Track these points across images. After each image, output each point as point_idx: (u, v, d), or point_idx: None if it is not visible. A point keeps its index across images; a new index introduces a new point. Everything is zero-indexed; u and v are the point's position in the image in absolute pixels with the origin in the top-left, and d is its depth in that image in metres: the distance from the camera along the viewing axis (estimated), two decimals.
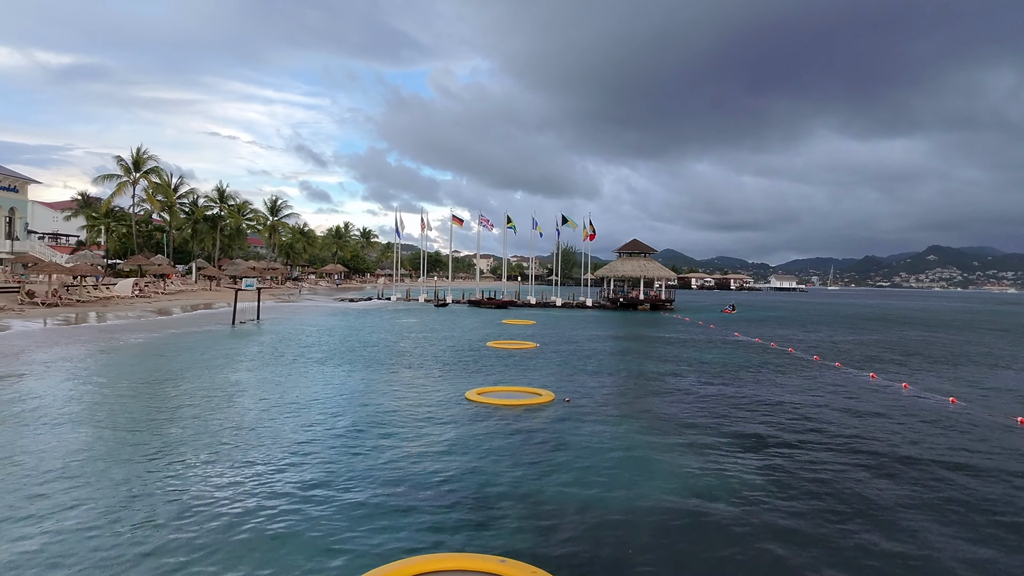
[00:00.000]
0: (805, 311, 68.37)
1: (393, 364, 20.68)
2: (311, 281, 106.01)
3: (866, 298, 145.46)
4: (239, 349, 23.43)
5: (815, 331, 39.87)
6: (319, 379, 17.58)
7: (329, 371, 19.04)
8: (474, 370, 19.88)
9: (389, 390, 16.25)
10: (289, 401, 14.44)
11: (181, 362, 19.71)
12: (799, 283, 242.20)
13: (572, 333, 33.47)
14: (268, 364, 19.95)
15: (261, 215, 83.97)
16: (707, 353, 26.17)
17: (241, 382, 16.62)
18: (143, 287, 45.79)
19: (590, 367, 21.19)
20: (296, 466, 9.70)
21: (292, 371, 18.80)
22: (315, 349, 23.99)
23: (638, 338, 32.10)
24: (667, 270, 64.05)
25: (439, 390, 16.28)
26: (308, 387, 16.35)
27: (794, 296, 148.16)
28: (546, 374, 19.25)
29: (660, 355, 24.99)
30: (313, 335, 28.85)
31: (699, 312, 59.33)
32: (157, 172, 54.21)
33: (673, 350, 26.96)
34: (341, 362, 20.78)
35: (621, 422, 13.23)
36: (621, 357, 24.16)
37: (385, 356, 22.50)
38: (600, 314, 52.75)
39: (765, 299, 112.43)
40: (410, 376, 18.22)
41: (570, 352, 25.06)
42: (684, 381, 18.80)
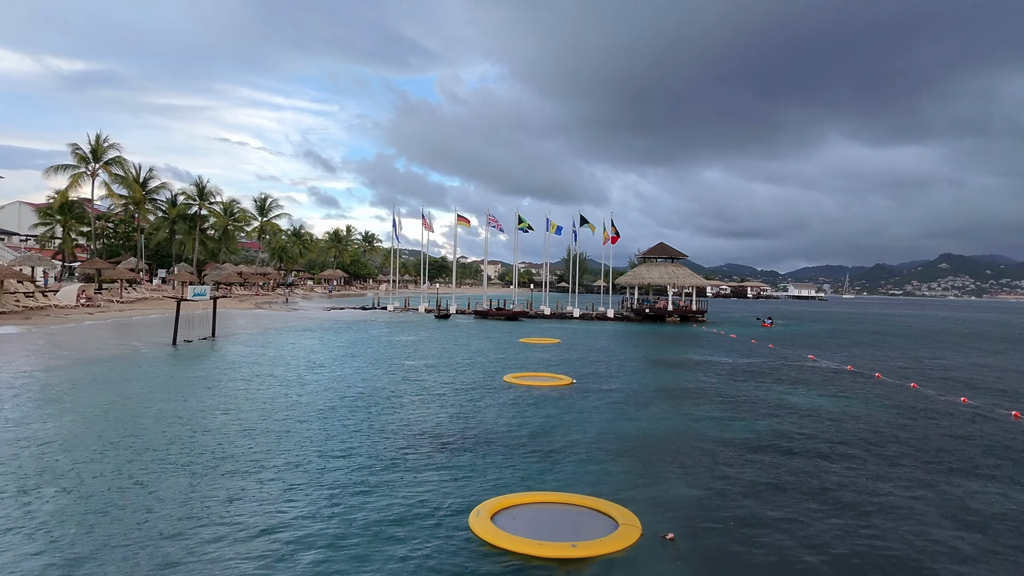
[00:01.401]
0: (852, 323, 60.84)
1: (357, 447, 13.59)
2: (306, 287, 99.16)
3: (892, 307, 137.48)
4: (139, 400, 16.38)
5: (897, 351, 32.58)
6: (220, 493, 10.48)
7: (244, 462, 11.95)
8: (489, 445, 12.73)
9: (346, 537, 9.13)
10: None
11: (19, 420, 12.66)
12: (818, 291, 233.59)
13: (607, 359, 26.31)
14: (163, 443, 12.90)
15: (250, 215, 77.13)
16: (806, 394, 18.94)
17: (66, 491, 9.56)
18: (91, 295, 38.92)
19: (661, 428, 14.02)
20: None
21: (185, 457, 11.73)
22: (254, 397, 16.93)
23: (691, 366, 24.90)
24: (698, 277, 56.86)
25: (438, 519, 9.12)
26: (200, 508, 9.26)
27: (817, 305, 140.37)
28: (605, 453, 12.05)
29: (743, 396, 17.80)
30: (268, 365, 21.80)
31: (733, 325, 52.08)
32: (120, 163, 47.35)
33: (753, 389, 19.74)
34: (278, 436, 13.71)
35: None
36: (692, 404, 16.98)
37: (348, 424, 15.39)
38: (625, 328, 45.58)
39: (791, 308, 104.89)
40: (387, 479, 11.05)
41: (620, 395, 17.91)
42: (834, 471, 11.60)
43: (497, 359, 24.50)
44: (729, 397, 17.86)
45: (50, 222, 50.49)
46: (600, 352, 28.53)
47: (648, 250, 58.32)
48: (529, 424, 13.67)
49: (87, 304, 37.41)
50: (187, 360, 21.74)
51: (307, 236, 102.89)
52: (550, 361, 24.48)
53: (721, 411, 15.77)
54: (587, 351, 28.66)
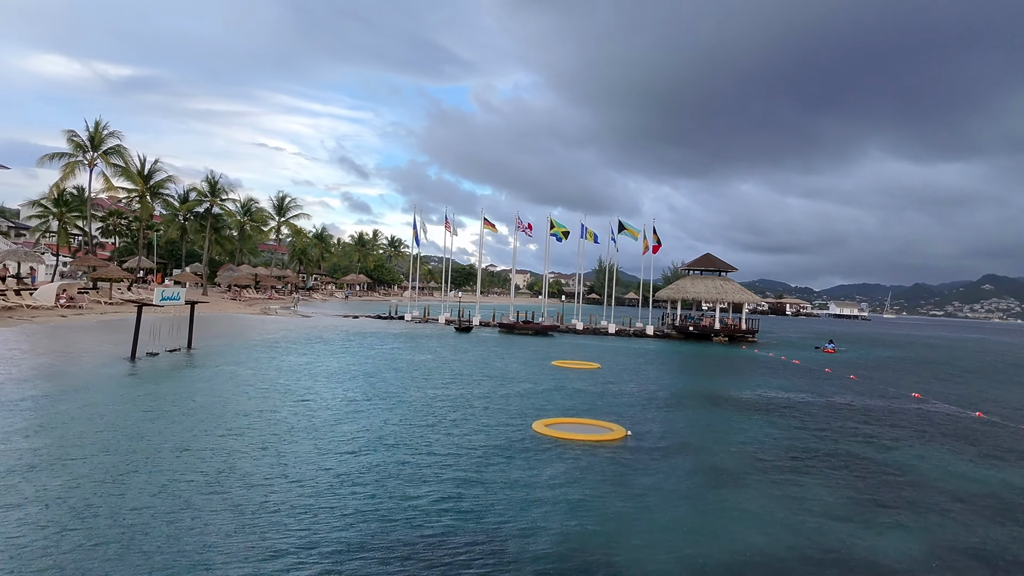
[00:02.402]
0: (920, 349, 54.19)
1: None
2: (326, 292, 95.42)
3: (943, 329, 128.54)
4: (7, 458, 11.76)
5: (1010, 386, 26.63)
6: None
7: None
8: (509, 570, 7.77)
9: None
10: None
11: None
12: (860, 310, 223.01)
13: (661, 393, 21.14)
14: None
15: (267, 214, 73.43)
16: (966, 462, 13.54)
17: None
18: (74, 294, 34.99)
19: (778, 542, 8.89)
20: None
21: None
22: (183, 463, 12.24)
23: (772, 407, 19.58)
24: (749, 293, 51.19)
25: None
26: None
27: (863, 325, 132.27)
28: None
29: (877, 464, 12.52)
30: (231, 397, 17.17)
31: (788, 348, 46.27)
32: (119, 152, 43.61)
33: (884, 452, 14.39)
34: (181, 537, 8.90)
35: None
36: (805, 479, 11.78)
37: (312, 523, 10.54)
38: (668, 348, 40.21)
39: (839, 329, 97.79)
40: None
41: (696, 461, 12.80)
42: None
43: (525, 392, 19.50)
44: (852, 462, 12.59)
45: (45, 215, 47.12)
46: (650, 383, 23.35)
47: (692, 262, 52.82)
48: (570, 526, 8.65)
49: (67, 305, 33.47)
50: (134, 384, 17.19)
51: (329, 239, 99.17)
52: (590, 397, 19.40)
53: (858, 501, 10.54)
54: (634, 381, 23.49)
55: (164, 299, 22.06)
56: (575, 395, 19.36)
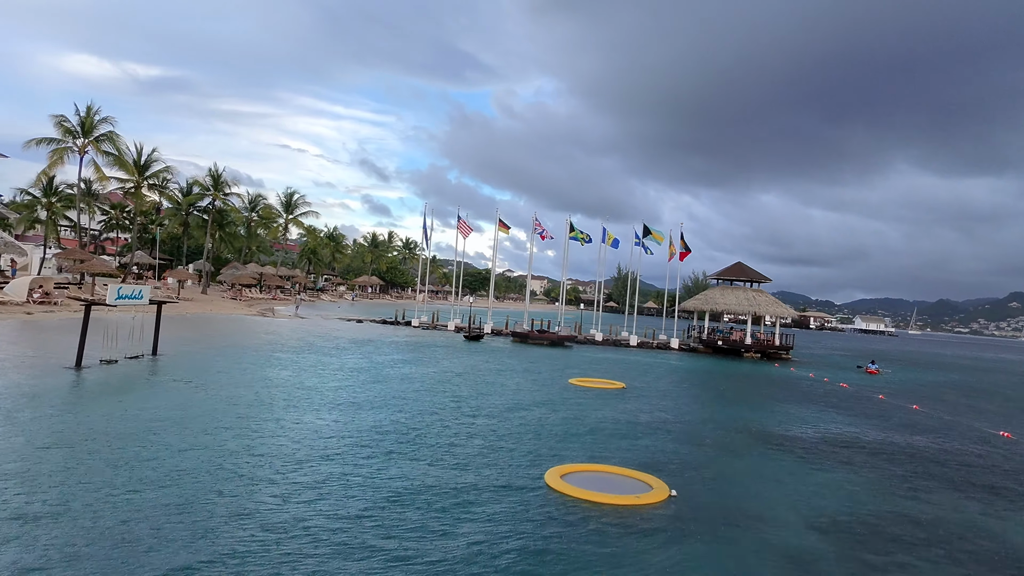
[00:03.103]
0: (972, 372, 49.69)
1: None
2: (335, 293, 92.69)
3: (977, 349, 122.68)
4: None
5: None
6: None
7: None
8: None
9: None
10: None
11: None
12: (887, 326, 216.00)
13: (698, 424, 17.57)
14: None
15: (275, 211, 70.71)
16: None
17: None
18: (50, 289, 32.19)
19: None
20: None
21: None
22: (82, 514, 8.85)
23: (840, 448, 15.95)
24: (784, 306, 47.26)
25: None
26: None
27: (892, 342, 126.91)
28: None
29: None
30: (172, 425, 13.96)
31: (827, 367, 42.29)
32: (111, 139, 40.80)
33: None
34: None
35: None
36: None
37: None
38: (696, 364, 36.52)
39: (870, 346, 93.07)
40: None
41: (771, 538, 9.26)
42: None
43: (538, 423, 16.04)
44: (976, 541, 8.97)
45: (33, 204, 44.50)
46: (685, 411, 19.79)
47: (722, 271, 49.01)
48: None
49: (41, 301, 30.66)
50: (66, 404, 14.01)
51: (342, 239, 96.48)
52: (617, 431, 15.88)
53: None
54: (666, 408, 19.94)
55: (120, 298, 18.94)
56: (598, 428, 15.86)
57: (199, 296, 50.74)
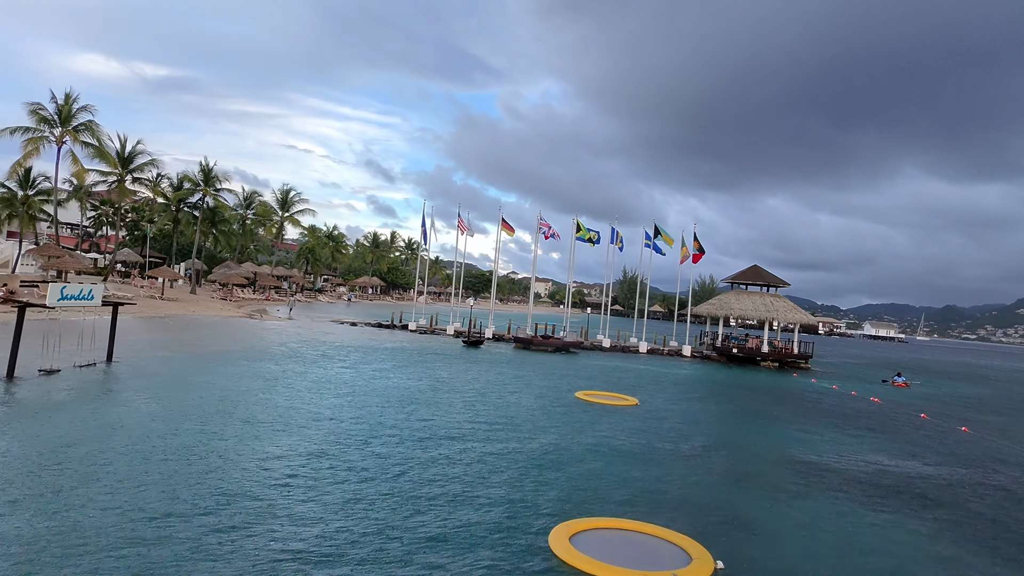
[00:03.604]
0: (1007, 383, 46.88)
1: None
2: (334, 294, 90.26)
3: (992, 357, 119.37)
4: None
5: None
6: None
7: None
8: None
9: None
10: None
11: None
12: (898, 332, 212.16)
13: (735, 458, 15.02)
14: None
15: (271, 208, 68.25)
16: None
17: None
18: (15, 288, 29.81)
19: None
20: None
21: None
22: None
23: (915, 493, 13.41)
24: (803, 312, 44.59)
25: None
26: None
27: (906, 349, 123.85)
28: None
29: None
30: (93, 463, 11.47)
31: (850, 378, 39.64)
32: (91, 129, 38.27)
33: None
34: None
35: None
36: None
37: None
38: (712, 374, 33.98)
39: (885, 354, 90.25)
40: None
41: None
42: None
43: (541, 454, 13.52)
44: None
45: (11, 197, 41.98)
46: (711, 434, 17.27)
47: (738, 274, 46.37)
48: None
49: (2, 300, 28.25)
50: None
51: (342, 238, 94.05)
52: (634, 459, 13.35)
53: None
54: (689, 431, 17.40)
55: (64, 299, 16.50)
56: (613, 460, 13.32)
57: (186, 296, 48.37)
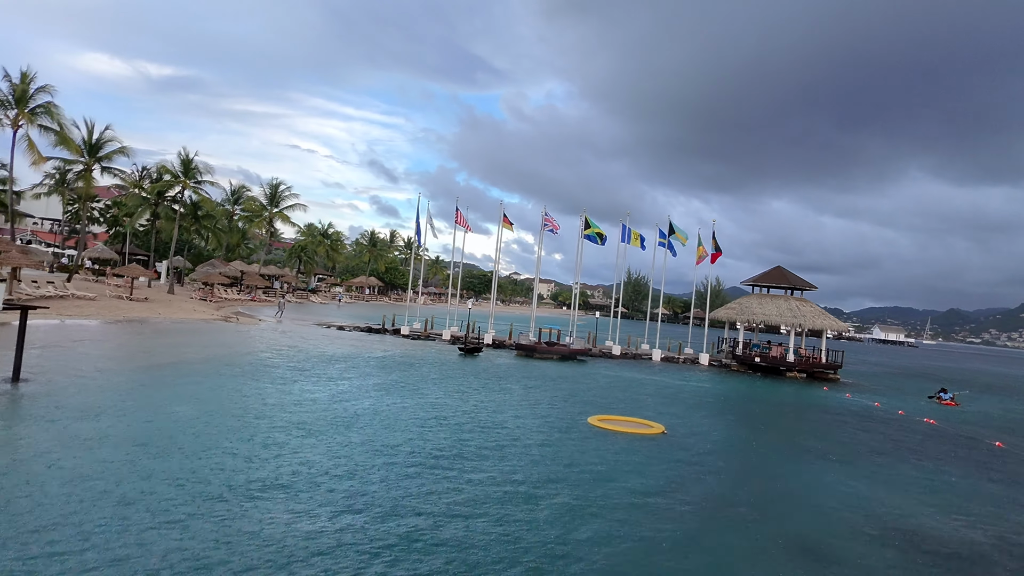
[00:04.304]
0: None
1: None
2: (328, 295, 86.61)
3: (1008, 363, 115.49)
4: None
5: None
6: None
7: None
8: None
9: None
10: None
11: None
12: (908, 336, 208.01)
13: (808, 522, 11.38)
14: None
15: (259, 204, 64.57)
16: None
17: None
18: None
19: None
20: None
21: None
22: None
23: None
24: (831, 317, 40.94)
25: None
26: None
27: (918, 355, 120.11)
28: None
29: None
30: None
31: (888, 392, 36.01)
32: (51, 112, 34.39)
33: None
34: None
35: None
36: None
37: None
38: (735, 387, 30.39)
39: (910, 362, 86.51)
40: None
41: None
42: None
43: (545, 525, 9.87)
44: None
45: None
46: (761, 478, 13.65)
47: (760, 276, 42.72)
48: None
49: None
50: None
51: (337, 236, 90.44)
52: (674, 523, 9.71)
53: None
54: (731, 471, 13.80)
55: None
56: (645, 517, 9.67)
57: (162, 296, 44.79)
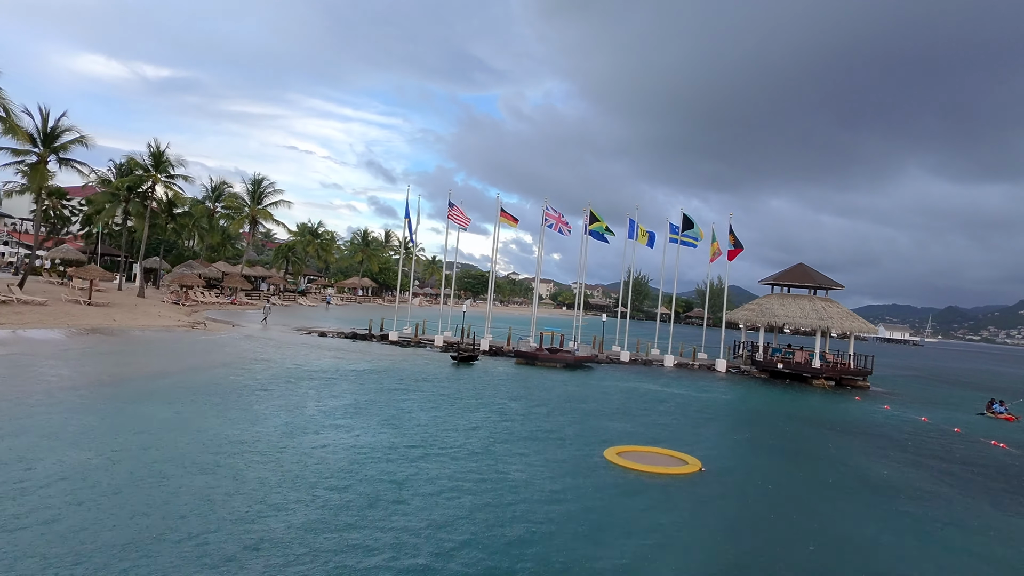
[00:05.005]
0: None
1: None
2: (318, 296, 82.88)
3: (1021, 363, 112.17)
4: None
5: None
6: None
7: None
8: None
9: None
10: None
11: None
12: (913, 334, 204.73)
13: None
14: None
15: (240, 201, 60.68)
16: None
17: None
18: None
19: None
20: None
21: None
22: None
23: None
24: (860, 319, 37.38)
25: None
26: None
27: (923, 353, 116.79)
28: None
29: None
30: None
31: (926, 403, 32.53)
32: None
33: None
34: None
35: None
36: None
37: None
38: (761, 398, 26.89)
39: (923, 363, 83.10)
40: None
41: None
42: None
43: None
44: None
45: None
46: (851, 545, 10.07)
47: (781, 274, 39.19)
48: None
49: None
50: None
51: (327, 236, 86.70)
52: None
53: None
54: (789, 528, 10.21)
55: None
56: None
57: (130, 300, 41.11)
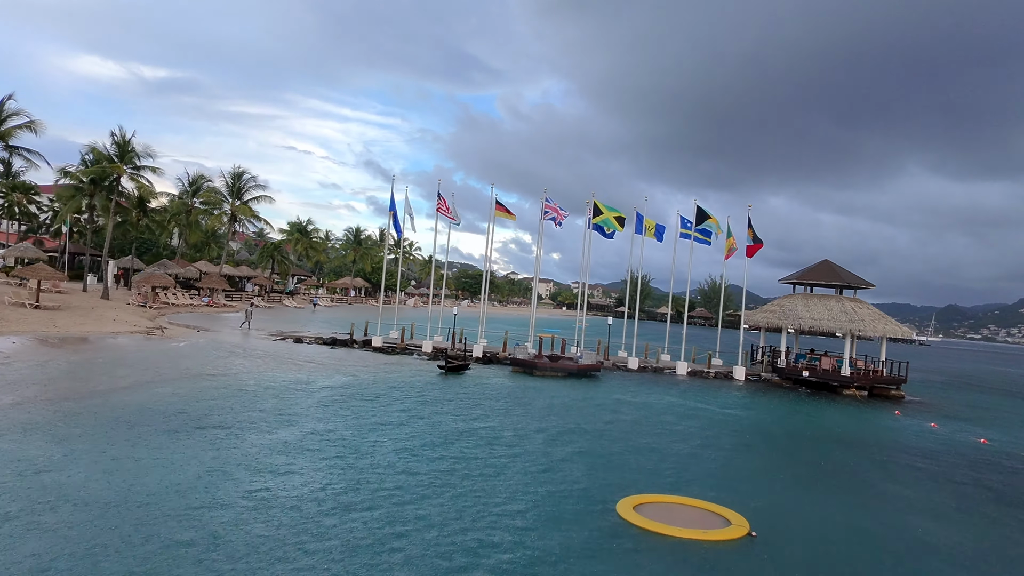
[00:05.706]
0: None
1: None
2: (307, 297, 79.23)
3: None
4: None
5: None
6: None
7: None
8: None
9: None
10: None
11: None
12: (919, 333, 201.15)
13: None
14: None
15: (220, 196, 56.98)
16: None
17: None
18: None
19: None
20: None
21: None
22: None
23: None
24: (893, 321, 33.98)
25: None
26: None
27: (936, 354, 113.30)
28: None
29: None
30: None
31: (971, 417, 29.12)
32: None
33: None
34: None
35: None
36: None
37: None
38: (792, 414, 23.42)
39: (944, 365, 79.67)
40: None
41: None
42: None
43: None
44: None
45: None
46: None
47: (804, 272, 35.73)
48: None
49: None
50: None
51: (314, 233, 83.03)
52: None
53: None
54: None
55: None
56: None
57: (88, 303, 37.48)
